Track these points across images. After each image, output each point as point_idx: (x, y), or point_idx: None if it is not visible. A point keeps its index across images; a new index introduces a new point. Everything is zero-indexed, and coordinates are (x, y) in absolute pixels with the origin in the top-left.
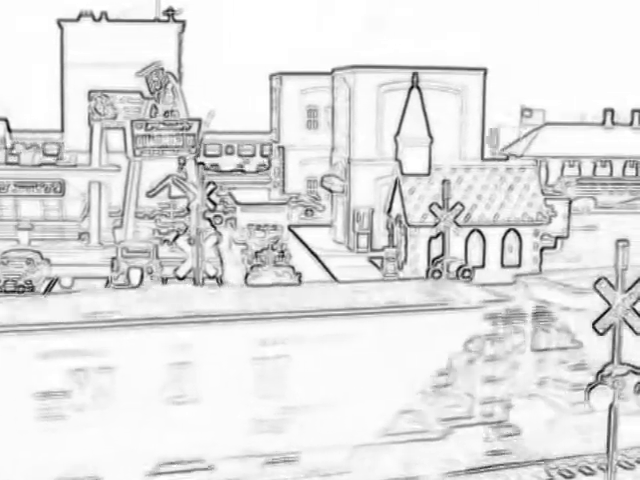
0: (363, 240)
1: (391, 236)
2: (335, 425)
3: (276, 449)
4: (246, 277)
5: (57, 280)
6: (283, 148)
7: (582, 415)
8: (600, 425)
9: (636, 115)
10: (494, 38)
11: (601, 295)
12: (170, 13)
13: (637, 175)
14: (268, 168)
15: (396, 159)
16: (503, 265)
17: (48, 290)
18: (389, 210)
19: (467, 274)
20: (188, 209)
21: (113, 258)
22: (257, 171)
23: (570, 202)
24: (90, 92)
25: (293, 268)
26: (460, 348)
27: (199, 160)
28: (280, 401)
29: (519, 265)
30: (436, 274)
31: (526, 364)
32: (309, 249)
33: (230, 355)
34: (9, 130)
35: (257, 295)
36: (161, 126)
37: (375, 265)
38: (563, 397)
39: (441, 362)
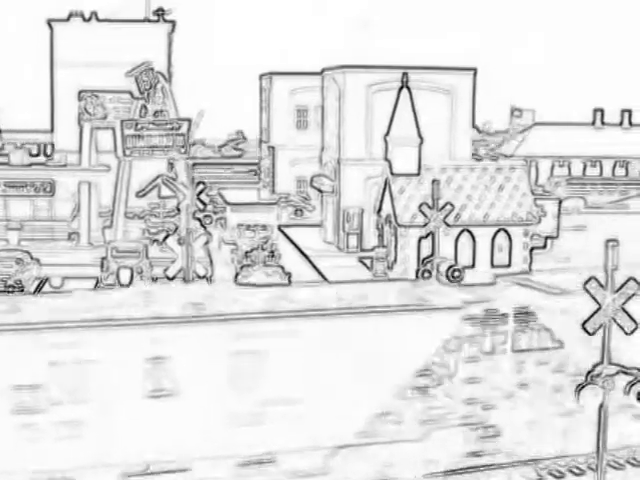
0: (353, 240)
1: (381, 236)
2: (312, 426)
3: (252, 449)
4: (236, 277)
5: (47, 280)
6: (273, 148)
7: (562, 416)
8: (580, 426)
9: (626, 115)
10: (484, 38)
11: (591, 295)
12: (160, 13)
13: (627, 175)
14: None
15: (386, 159)
16: (493, 265)
17: (38, 290)
18: (379, 210)
19: (457, 274)
20: (178, 209)
21: (103, 258)
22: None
23: (560, 202)
24: (80, 92)
25: (283, 268)
26: (438, 349)
27: None
28: (255, 398)
29: (509, 265)
30: (426, 274)
31: (506, 365)
32: (299, 249)
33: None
34: None
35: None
36: (151, 126)
37: (365, 265)
38: (543, 398)
39: (419, 363)
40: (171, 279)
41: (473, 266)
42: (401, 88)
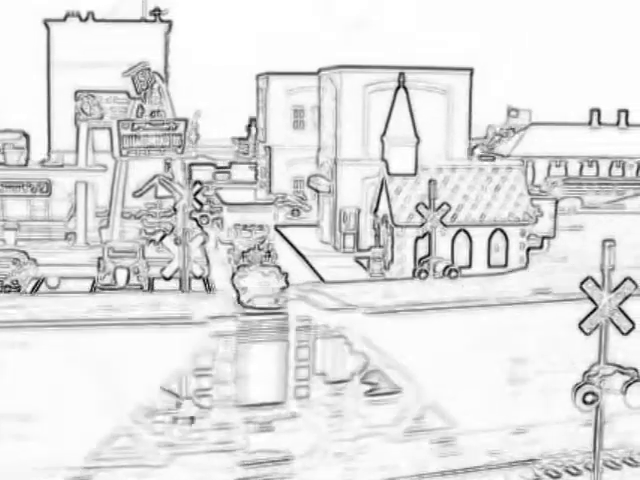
0: (349, 240)
1: (377, 236)
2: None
3: None
4: (232, 277)
5: (43, 280)
6: (270, 148)
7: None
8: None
9: (622, 115)
10: (480, 38)
11: (587, 295)
12: (157, 13)
13: (623, 175)
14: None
15: (382, 159)
16: (490, 265)
17: (34, 290)
18: (375, 210)
19: (454, 274)
20: (174, 209)
21: (99, 258)
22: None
23: (556, 202)
24: (77, 92)
25: (279, 268)
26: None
27: None
28: None
29: (505, 265)
30: (422, 274)
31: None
32: (296, 249)
33: None
34: None
35: None
36: (147, 126)
37: (361, 265)
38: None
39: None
40: (168, 279)
41: (470, 266)
42: (398, 88)
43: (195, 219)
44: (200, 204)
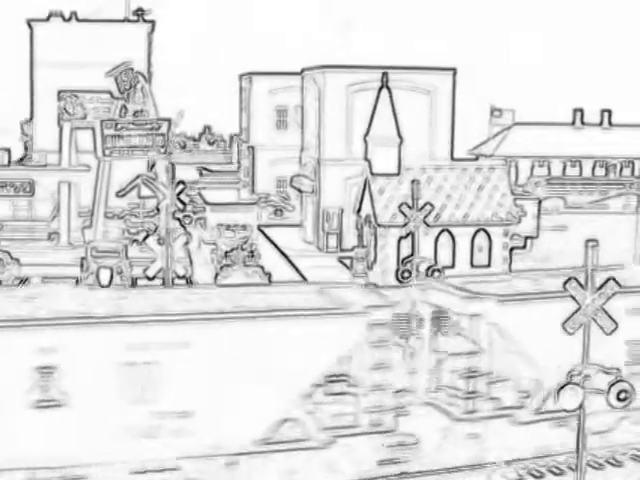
0: (332, 240)
1: (360, 236)
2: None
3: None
4: (216, 277)
5: (27, 280)
6: (253, 148)
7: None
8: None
9: (605, 115)
10: (463, 38)
11: (571, 295)
12: (140, 13)
13: (606, 175)
14: None
15: (366, 159)
16: (473, 265)
17: None
18: (359, 210)
19: (437, 274)
20: (158, 209)
21: (83, 258)
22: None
23: (540, 202)
24: (60, 92)
25: (263, 268)
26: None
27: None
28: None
29: (489, 265)
30: (405, 274)
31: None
32: (279, 249)
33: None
34: None
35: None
36: (131, 126)
37: (345, 265)
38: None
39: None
40: (151, 279)
41: (453, 266)
42: (381, 88)
43: (178, 219)
44: (183, 204)
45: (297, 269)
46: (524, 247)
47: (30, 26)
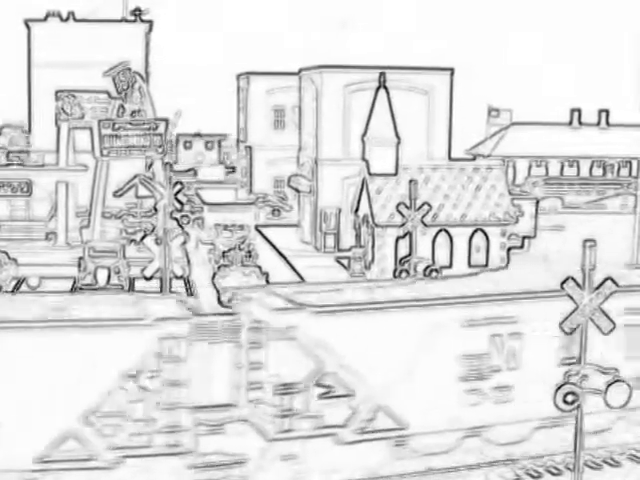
0: (330, 240)
1: (358, 236)
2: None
3: None
4: (213, 277)
5: (24, 280)
6: (250, 148)
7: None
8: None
9: (603, 115)
10: (461, 38)
11: (568, 295)
12: (137, 13)
13: (604, 175)
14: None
15: (363, 159)
16: (470, 265)
17: (15, 290)
18: (356, 210)
19: (434, 274)
20: (155, 209)
21: (80, 258)
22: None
23: (537, 202)
24: (57, 92)
25: (260, 268)
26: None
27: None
28: None
29: (486, 265)
30: (403, 274)
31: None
32: (276, 249)
33: None
34: None
35: None
36: (128, 126)
37: (342, 265)
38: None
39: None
40: (148, 279)
41: (450, 266)
42: (378, 88)
43: (176, 219)
44: (181, 204)
45: (295, 269)
46: (522, 247)
47: (27, 26)
